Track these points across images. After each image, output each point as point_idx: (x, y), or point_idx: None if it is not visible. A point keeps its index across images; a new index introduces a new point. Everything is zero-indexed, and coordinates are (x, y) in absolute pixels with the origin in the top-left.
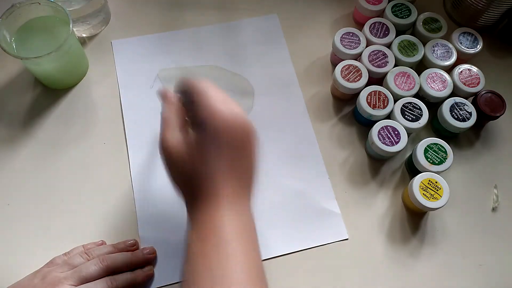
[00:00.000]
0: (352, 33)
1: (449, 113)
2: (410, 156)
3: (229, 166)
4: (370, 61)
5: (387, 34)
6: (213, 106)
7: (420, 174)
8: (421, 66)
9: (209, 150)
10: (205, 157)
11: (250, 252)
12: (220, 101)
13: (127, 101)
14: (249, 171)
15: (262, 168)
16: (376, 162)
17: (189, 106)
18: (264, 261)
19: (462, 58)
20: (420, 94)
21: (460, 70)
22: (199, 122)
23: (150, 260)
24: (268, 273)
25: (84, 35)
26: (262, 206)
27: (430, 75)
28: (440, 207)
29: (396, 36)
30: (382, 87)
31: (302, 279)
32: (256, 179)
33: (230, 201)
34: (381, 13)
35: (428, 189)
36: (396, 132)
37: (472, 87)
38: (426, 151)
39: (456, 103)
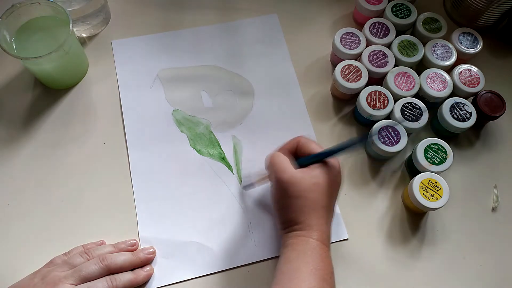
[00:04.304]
0: (352, 33)
1: (449, 113)
2: (410, 156)
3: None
4: (370, 61)
5: (387, 34)
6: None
7: (420, 174)
8: (421, 66)
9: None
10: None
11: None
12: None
13: (127, 101)
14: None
15: (262, 168)
16: (376, 162)
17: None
18: (264, 261)
19: (462, 58)
20: (420, 94)
21: (460, 70)
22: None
23: (150, 260)
24: (269, 273)
25: (84, 35)
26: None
27: (430, 75)
28: (440, 207)
29: (396, 36)
30: (382, 87)
31: None
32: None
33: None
34: (381, 13)
35: (428, 189)
36: (396, 132)
37: (472, 87)
38: (426, 151)
39: (456, 103)
